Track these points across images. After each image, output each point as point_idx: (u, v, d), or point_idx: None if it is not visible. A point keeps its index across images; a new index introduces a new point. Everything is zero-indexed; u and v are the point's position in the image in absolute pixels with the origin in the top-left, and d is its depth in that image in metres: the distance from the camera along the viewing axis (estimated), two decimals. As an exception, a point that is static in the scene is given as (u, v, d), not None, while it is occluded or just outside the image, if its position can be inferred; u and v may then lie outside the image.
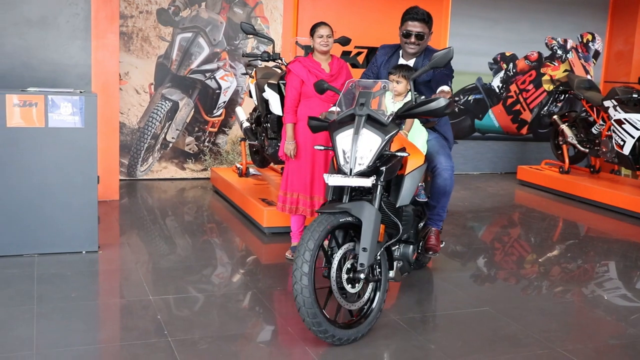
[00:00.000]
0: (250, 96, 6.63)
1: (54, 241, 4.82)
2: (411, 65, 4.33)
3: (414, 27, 4.30)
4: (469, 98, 9.22)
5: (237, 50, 7.86)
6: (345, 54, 8.18)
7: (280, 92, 5.67)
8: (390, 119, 3.58)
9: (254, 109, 6.68)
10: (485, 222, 6.86)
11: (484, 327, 3.90)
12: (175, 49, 7.62)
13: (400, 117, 3.71)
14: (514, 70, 9.37)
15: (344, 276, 3.46)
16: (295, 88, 4.76)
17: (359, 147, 3.48)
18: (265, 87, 5.89)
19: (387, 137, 3.51)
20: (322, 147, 3.86)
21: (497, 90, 9.34)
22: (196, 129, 7.89)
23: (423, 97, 3.65)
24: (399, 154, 3.60)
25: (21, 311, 3.77)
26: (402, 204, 3.76)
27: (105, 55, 6.49)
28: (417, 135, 4.22)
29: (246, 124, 6.82)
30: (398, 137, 3.82)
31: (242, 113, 7.17)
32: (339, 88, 4.80)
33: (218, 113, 7.97)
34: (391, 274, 3.82)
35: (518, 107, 9.51)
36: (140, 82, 7.55)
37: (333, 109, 4.01)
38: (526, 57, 9.40)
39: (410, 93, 4.03)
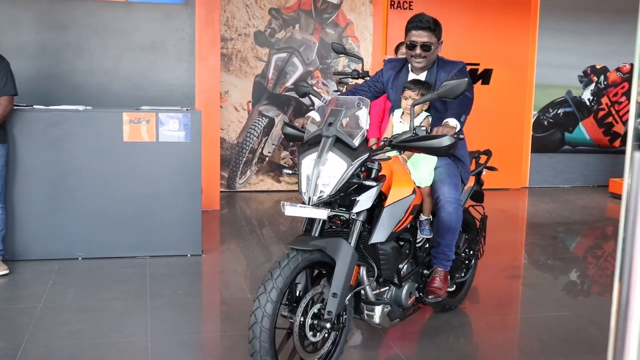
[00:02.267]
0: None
1: (163, 245, 5.33)
2: (423, 79, 3.72)
3: (419, 36, 3.63)
4: (559, 111, 9.24)
5: (329, 69, 8.26)
6: (434, 70, 8.43)
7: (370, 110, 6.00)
8: (358, 141, 3.00)
9: (345, 124, 7.04)
10: (572, 234, 6.91)
11: (563, 330, 4.05)
12: (272, 69, 8.11)
13: (395, 146, 3.19)
14: (605, 83, 9.32)
15: (308, 321, 3.01)
16: (378, 104, 5.08)
17: (321, 173, 2.93)
18: (355, 103, 6.23)
19: (354, 163, 2.95)
20: (290, 172, 3.59)
21: (588, 103, 9.32)
22: (291, 143, 8.34)
23: (424, 128, 3.11)
24: (367, 182, 3.04)
25: (137, 304, 4.26)
26: (376, 240, 3.19)
27: (207, 76, 7.04)
28: (422, 161, 3.60)
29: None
30: (390, 163, 3.32)
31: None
32: None
33: (311, 128, 8.39)
34: (377, 319, 3.40)
35: (610, 119, 9.44)
36: (239, 100, 8.07)
37: (314, 116, 3.47)
38: (618, 69, 9.33)
39: (418, 116, 3.54)
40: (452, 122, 3.35)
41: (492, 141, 8.94)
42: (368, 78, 6.44)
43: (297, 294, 3.02)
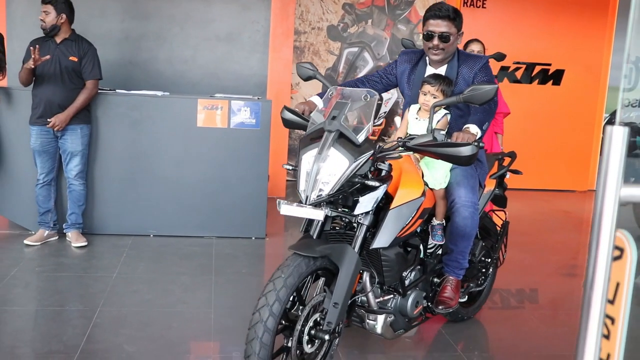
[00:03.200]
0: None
1: (229, 227, 5.59)
2: (442, 73, 3.40)
3: (437, 26, 3.32)
4: (631, 115, 9.07)
5: (399, 64, 8.36)
6: (504, 69, 8.42)
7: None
8: (362, 137, 2.76)
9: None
10: (636, 239, 6.80)
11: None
12: (342, 62, 8.28)
13: (410, 149, 2.93)
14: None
15: (306, 332, 2.78)
16: (444, 100, 5.19)
17: (321, 170, 2.69)
18: (422, 98, 6.34)
19: (357, 161, 2.71)
20: (290, 167, 3.03)
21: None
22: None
23: (443, 132, 2.85)
24: (370, 182, 2.80)
25: (202, 279, 4.53)
26: (378, 246, 2.92)
27: (279, 67, 7.27)
28: (437, 161, 3.25)
29: (403, 133, 7.30)
30: (400, 162, 3.05)
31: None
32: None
33: (379, 122, 8.53)
34: (379, 329, 3.17)
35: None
36: (309, 92, 8.28)
37: (317, 101, 3.28)
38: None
39: (435, 117, 3.14)
40: (474, 129, 3.09)
41: (560, 142, 8.87)
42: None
43: (295, 305, 2.82)
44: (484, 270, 3.92)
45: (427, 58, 3.46)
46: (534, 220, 7.15)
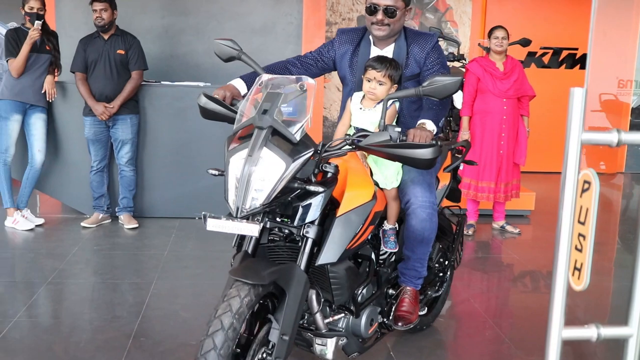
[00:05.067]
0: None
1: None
2: (389, 54, 2.98)
3: None
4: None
5: (427, 52, 8.62)
6: (531, 54, 8.63)
7: (463, 89, 6.38)
8: (299, 134, 2.33)
9: (440, 105, 7.42)
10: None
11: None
12: (373, 52, 8.56)
13: (361, 149, 2.52)
14: None
15: None
16: (472, 85, 5.45)
17: (253, 176, 2.25)
18: (450, 84, 6.61)
19: (294, 162, 2.28)
20: (216, 173, 2.57)
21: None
22: (388, 123, 8.77)
23: (398, 129, 2.44)
24: (312, 188, 2.36)
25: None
26: (325, 262, 2.45)
27: (313, 58, 7.58)
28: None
29: (433, 118, 7.57)
30: (344, 160, 2.65)
31: (430, 108, 7.93)
32: (512, 86, 5.43)
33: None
34: (329, 354, 2.68)
35: None
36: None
37: (240, 86, 2.85)
38: None
39: (383, 107, 2.56)
40: (430, 125, 2.69)
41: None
42: (464, 61, 6.81)
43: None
44: (441, 274, 3.49)
45: (370, 37, 3.05)
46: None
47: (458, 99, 6.46)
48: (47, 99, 5.49)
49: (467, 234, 5.62)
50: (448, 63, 7.24)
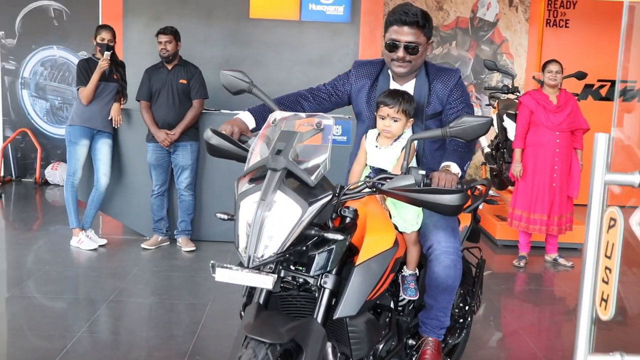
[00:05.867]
0: (492, 125, 7.41)
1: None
2: (409, 91, 2.76)
3: (403, 34, 2.70)
4: None
5: (483, 84, 8.69)
6: (588, 87, 8.59)
7: (516, 122, 6.42)
8: (316, 177, 2.14)
9: (495, 136, 7.46)
10: None
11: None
12: (428, 82, 8.66)
13: (383, 192, 2.32)
14: None
15: None
16: (524, 117, 5.51)
17: (266, 222, 2.05)
18: (504, 116, 6.66)
19: (311, 208, 2.09)
20: (226, 217, 2.31)
21: None
22: (442, 153, 8.83)
23: (422, 172, 2.26)
24: (330, 235, 2.16)
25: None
26: (344, 315, 2.26)
27: (368, 88, 7.74)
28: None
29: (487, 150, 7.61)
30: (363, 202, 2.48)
31: (484, 140, 7.97)
32: (565, 119, 5.46)
33: (463, 139, 8.85)
34: None
35: None
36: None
37: (248, 120, 2.69)
38: None
39: (406, 149, 2.36)
40: (455, 168, 2.50)
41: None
42: (518, 93, 6.85)
43: None
44: (461, 320, 3.22)
45: (389, 71, 2.86)
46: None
47: (511, 131, 6.50)
48: (113, 126, 5.78)
49: (519, 266, 5.64)
50: (503, 95, 7.30)
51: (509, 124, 6.57)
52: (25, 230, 6.55)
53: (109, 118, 5.73)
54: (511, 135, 6.52)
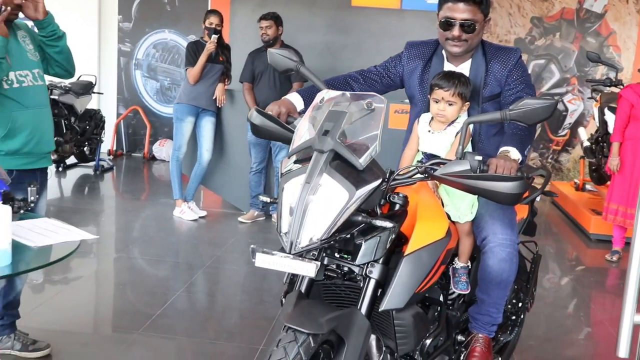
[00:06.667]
0: (594, 118, 7.27)
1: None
2: (465, 72, 2.61)
3: (458, 11, 2.55)
4: None
5: (586, 76, 8.49)
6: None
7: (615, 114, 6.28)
8: (365, 160, 2.02)
9: (596, 130, 7.31)
10: None
11: None
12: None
13: (434, 178, 2.17)
14: None
15: None
16: (624, 111, 5.40)
17: (311, 206, 1.94)
18: (606, 110, 6.53)
19: (359, 192, 1.98)
20: (268, 200, 2.21)
21: None
22: (541, 146, 8.72)
23: (479, 157, 2.08)
24: (379, 223, 2.02)
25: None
26: (391, 307, 2.14)
27: (466, 77, 7.74)
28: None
29: (586, 144, 7.47)
30: (414, 189, 2.31)
31: (584, 133, 7.82)
32: None
33: (563, 133, 8.69)
34: None
35: None
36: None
37: (296, 101, 2.55)
38: None
39: (462, 133, 2.19)
40: (515, 154, 2.32)
41: None
42: (621, 86, 6.68)
43: None
44: (513, 317, 3.07)
45: (443, 52, 2.71)
46: None
47: (612, 124, 6.36)
48: (217, 105, 6.10)
49: (611, 260, 5.56)
50: (606, 89, 7.13)
51: (609, 118, 6.43)
52: (133, 200, 7.03)
53: (214, 97, 6.04)
54: (612, 128, 6.39)
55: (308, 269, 1.91)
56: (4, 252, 1.80)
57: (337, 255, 2.14)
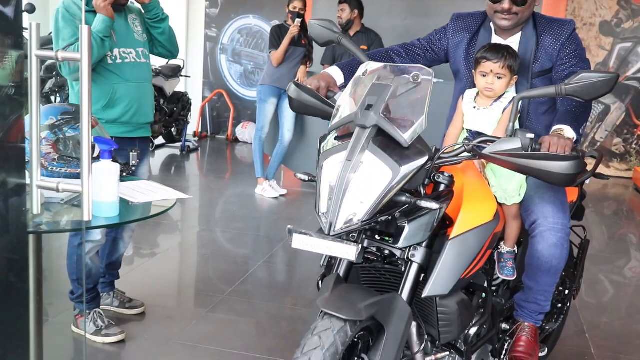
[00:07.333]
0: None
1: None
2: (514, 46, 2.47)
3: None
4: None
5: (676, 61, 8.24)
6: None
7: None
8: (411, 136, 1.89)
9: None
10: None
11: None
12: (614, 58, 8.37)
13: (483, 156, 2.03)
14: None
15: None
16: None
17: (352, 185, 1.83)
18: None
19: (403, 171, 1.86)
20: (306, 178, 2.17)
21: None
22: (625, 131, 8.52)
23: (530, 135, 1.98)
24: (424, 203, 1.89)
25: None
26: (434, 293, 2.02)
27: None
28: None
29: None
30: (460, 169, 2.19)
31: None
32: None
33: (649, 117, 8.47)
34: None
35: None
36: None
37: (337, 75, 2.45)
38: None
39: (513, 109, 2.08)
40: (569, 132, 2.18)
41: None
42: None
43: None
44: (559, 305, 2.96)
45: (491, 24, 2.56)
46: None
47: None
48: (299, 87, 6.29)
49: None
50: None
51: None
52: (216, 179, 7.36)
53: (296, 79, 6.24)
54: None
55: (348, 252, 1.82)
56: (112, 203, 2.04)
57: (377, 237, 2.04)
